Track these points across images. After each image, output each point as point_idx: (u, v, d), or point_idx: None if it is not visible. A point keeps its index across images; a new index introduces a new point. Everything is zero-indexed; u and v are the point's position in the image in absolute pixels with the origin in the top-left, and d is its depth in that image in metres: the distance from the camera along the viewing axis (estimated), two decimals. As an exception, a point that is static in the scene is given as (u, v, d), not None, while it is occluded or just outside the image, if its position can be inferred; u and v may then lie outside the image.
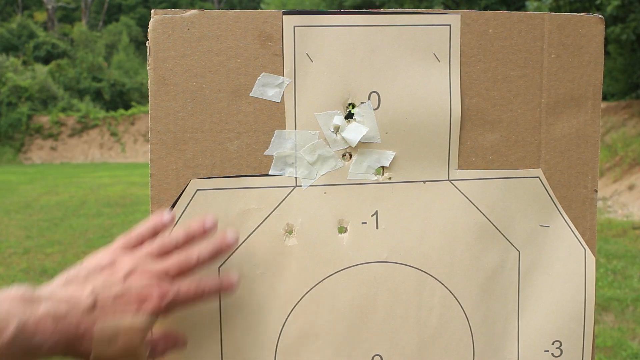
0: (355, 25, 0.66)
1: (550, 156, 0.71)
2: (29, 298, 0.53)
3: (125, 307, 0.55)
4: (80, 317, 0.54)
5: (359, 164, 0.68)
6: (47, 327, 0.52)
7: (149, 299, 0.56)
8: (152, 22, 0.64)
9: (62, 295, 0.54)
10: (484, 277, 0.70)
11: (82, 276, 0.57)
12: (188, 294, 0.59)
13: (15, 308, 0.51)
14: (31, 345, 0.51)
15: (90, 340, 0.54)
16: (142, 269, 0.58)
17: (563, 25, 0.70)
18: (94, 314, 0.54)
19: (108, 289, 0.56)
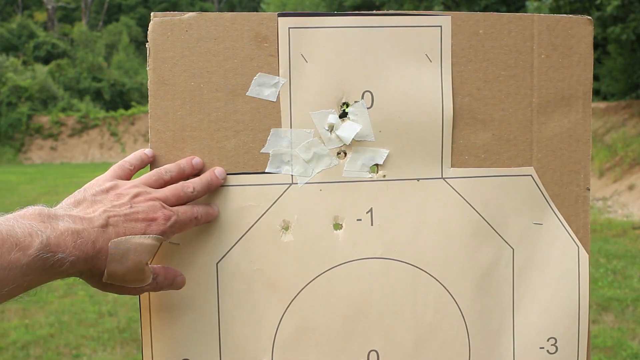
0: (348, 27, 0.67)
1: (542, 155, 0.72)
2: (47, 215, 0.54)
3: (135, 226, 0.57)
4: (95, 234, 0.55)
5: (354, 161, 0.68)
6: (68, 243, 0.53)
7: (156, 220, 0.59)
8: (152, 24, 0.65)
9: (75, 214, 0.56)
10: (479, 274, 0.71)
11: (89, 198, 0.58)
12: (186, 218, 0.61)
13: (36, 225, 0.52)
14: (54, 261, 0.52)
15: (105, 257, 0.56)
16: (145, 194, 0.60)
17: (552, 26, 0.71)
18: (107, 231, 0.56)
19: (118, 209, 0.58)
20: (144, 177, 0.63)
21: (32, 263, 0.50)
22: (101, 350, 3.22)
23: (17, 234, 0.50)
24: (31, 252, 0.50)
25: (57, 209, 0.56)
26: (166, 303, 0.67)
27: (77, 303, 3.99)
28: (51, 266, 0.52)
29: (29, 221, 0.52)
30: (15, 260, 0.49)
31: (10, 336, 3.40)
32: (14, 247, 0.49)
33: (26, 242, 0.50)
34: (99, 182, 0.61)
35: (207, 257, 0.67)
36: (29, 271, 0.50)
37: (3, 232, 0.50)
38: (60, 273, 0.53)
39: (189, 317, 0.67)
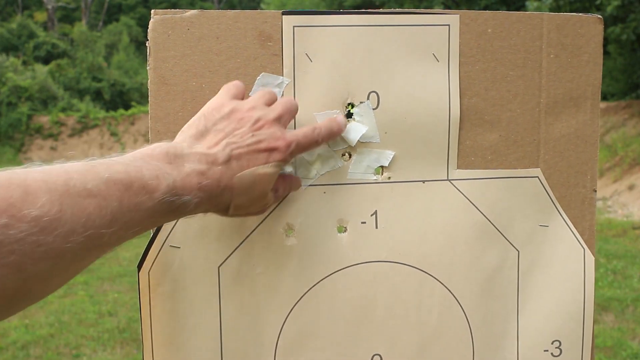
0: (354, 25, 0.66)
1: (550, 156, 0.71)
2: (174, 155, 0.54)
3: (257, 157, 0.57)
4: (219, 172, 0.55)
5: (359, 163, 0.68)
6: (193, 185, 0.53)
7: (278, 149, 0.58)
8: (152, 23, 0.64)
9: (200, 151, 0.56)
10: (484, 277, 0.70)
11: (210, 128, 0.58)
12: (306, 142, 0.61)
13: (163, 167, 0.52)
14: (179, 204, 0.52)
15: (230, 192, 0.56)
16: (265, 118, 0.59)
17: (562, 26, 0.70)
18: (231, 166, 0.56)
19: (240, 140, 0.57)
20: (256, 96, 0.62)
21: (158, 206, 0.51)
22: (101, 350, 3.22)
23: (144, 176, 0.50)
24: (157, 195, 0.50)
25: (181, 144, 0.56)
26: (167, 307, 0.66)
27: (77, 303, 3.99)
28: (176, 208, 0.52)
29: (156, 162, 0.52)
30: (141, 202, 0.49)
31: (10, 336, 3.40)
32: (141, 190, 0.49)
33: (153, 185, 0.50)
34: (217, 106, 0.60)
35: (208, 261, 0.66)
36: (154, 213, 0.51)
37: (131, 174, 0.49)
38: (185, 213, 0.54)
39: (191, 321, 0.66)
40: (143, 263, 0.65)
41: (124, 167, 0.50)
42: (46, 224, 0.43)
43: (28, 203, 0.43)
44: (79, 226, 0.45)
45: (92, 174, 0.47)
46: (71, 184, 0.45)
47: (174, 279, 0.66)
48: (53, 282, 0.46)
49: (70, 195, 0.45)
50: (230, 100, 0.61)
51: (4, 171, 0.45)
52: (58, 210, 0.44)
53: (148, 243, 0.65)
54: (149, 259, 0.65)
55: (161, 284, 0.66)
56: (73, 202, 0.45)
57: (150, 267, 0.65)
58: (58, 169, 0.47)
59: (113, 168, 0.49)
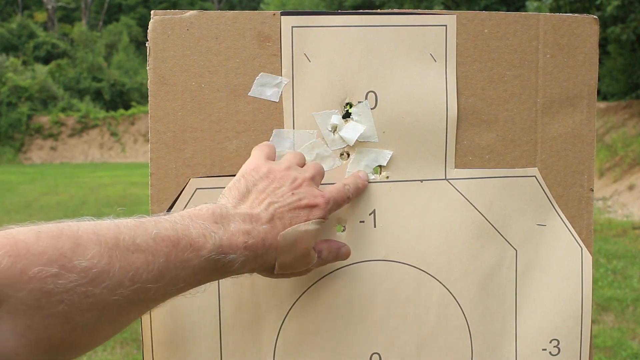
0: (352, 26, 0.66)
1: (547, 155, 0.71)
2: (220, 215, 0.54)
3: (299, 215, 0.58)
4: (264, 231, 0.56)
5: (357, 163, 0.68)
6: (239, 244, 0.54)
7: (318, 206, 0.59)
8: (152, 23, 0.65)
9: (244, 212, 0.56)
10: (482, 276, 0.70)
11: (252, 189, 0.59)
12: (340, 199, 0.63)
13: (210, 226, 0.53)
14: (225, 262, 0.53)
15: (275, 251, 0.57)
16: (302, 177, 0.61)
17: (558, 26, 0.70)
18: (275, 225, 0.57)
19: (282, 199, 0.58)
20: (288, 156, 0.64)
21: (204, 264, 0.51)
22: (101, 350, 3.22)
23: (191, 234, 0.51)
24: (204, 253, 0.51)
25: (227, 205, 0.57)
26: (167, 307, 0.66)
27: (77, 303, 3.98)
28: (222, 266, 0.53)
29: (202, 221, 0.53)
30: (188, 259, 0.50)
31: (10, 336, 3.39)
32: (188, 247, 0.50)
33: (200, 243, 0.51)
34: (255, 167, 0.61)
35: (208, 259, 0.66)
36: (201, 271, 0.51)
37: (179, 232, 0.50)
38: (231, 272, 0.54)
39: (190, 320, 0.66)
40: (143, 262, 0.65)
41: (172, 224, 0.51)
42: (95, 276, 0.44)
43: (78, 254, 0.44)
44: (126, 279, 0.46)
45: (141, 230, 0.48)
46: (121, 237, 0.47)
47: (174, 277, 0.66)
48: (99, 334, 0.47)
49: (120, 249, 0.46)
50: (266, 161, 0.62)
51: (56, 223, 0.46)
52: (107, 263, 0.45)
53: (148, 242, 0.65)
54: (148, 257, 0.65)
55: (161, 283, 0.66)
56: (122, 255, 0.46)
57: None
58: (108, 223, 0.48)
59: (161, 225, 0.50)
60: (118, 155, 18.85)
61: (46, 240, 0.43)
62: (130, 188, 9.98)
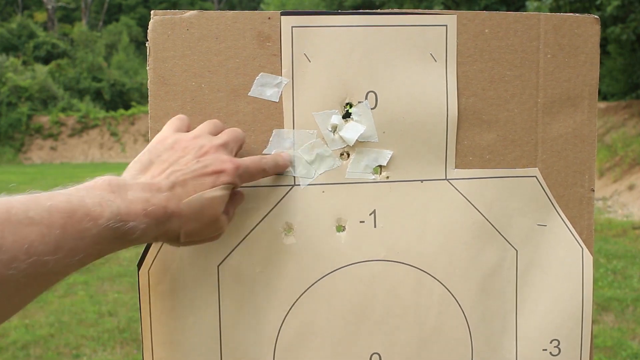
0: (352, 26, 0.66)
1: (547, 155, 0.71)
2: (116, 185, 0.54)
3: (204, 181, 0.57)
4: (165, 198, 0.55)
5: (357, 163, 0.68)
6: (138, 211, 0.53)
7: (225, 171, 0.58)
8: (152, 23, 0.64)
9: (143, 182, 0.56)
10: (482, 276, 0.70)
11: (155, 160, 0.58)
12: (254, 168, 0.62)
13: (107, 195, 0.52)
14: (125, 230, 0.52)
15: (179, 219, 0.56)
16: (210, 144, 0.60)
17: (559, 26, 0.70)
18: (176, 193, 0.56)
19: (185, 167, 0.57)
20: (201, 126, 0.63)
21: (103, 232, 0.50)
22: (101, 350, 3.22)
23: (87, 204, 0.50)
24: (102, 221, 0.50)
25: (125, 177, 0.56)
26: (167, 306, 0.66)
27: (77, 303, 3.99)
28: (123, 235, 0.52)
29: (99, 191, 0.52)
30: (86, 229, 0.49)
31: (10, 336, 3.40)
32: (85, 217, 0.49)
33: (97, 211, 0.50)
34: (161, 139, 0.60)
35: (207, 260, 0.66)
36: (100, 240, 0.51)
37: (74, 202, 0.49)
38: (132, 241, 0.53)
39: (190, 320, 0.66)
40: (143, 262, 0.66)
41: (67, 197, 0.50)
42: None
43: None
44: (21, 253, 0.45)
45: (34, 203, 0.48)
46: (12, 211, 0.46)
47: (174, 278, 0.66)
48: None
49: (12, 223, 0.45)
50: (174, 133, 0.61)
51: None
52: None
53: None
54: (148, 258, 0.65)
55: (161, 283, 0.66)
56: (14, 229, 0.45)
57: (150, 266, 0.65)
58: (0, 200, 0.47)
59: (55, 198, 0.49)
60: (118, 155, 18.86)
61: None
62: (130, 188, 9.96)
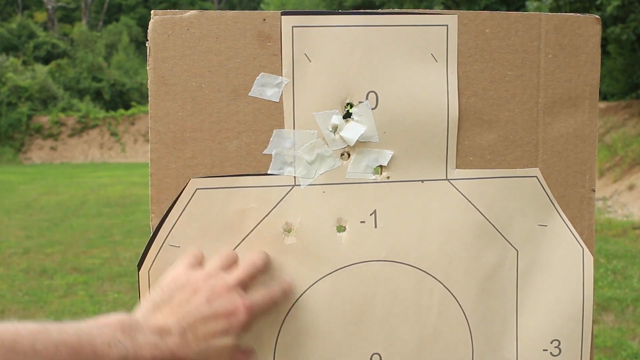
0: (353, 26, 0.66)
1: (548, 156, 0.71)
2: (128, 327, 0.54)
3: (215, 327, 0.57)
4: (174, 345, 0.55)
5: (358, 163, 0.68)
6: (146, 356, 0.53)
7: (237, 313, 0.58)
8: (152, 23, 0.64)
9: (154, 325, 0.56)
10: (483, 276, 0.70)
11: (167, 299, 0.58)
12: (264, 304, 0.62)
13: (116, 336, 0.52)
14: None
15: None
16: (221, 285, 0.60)
17: (560, 26, 0.70)
18: (186, 339, 0.56)
19: (196, 312, 0.57)
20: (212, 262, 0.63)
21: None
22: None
23: (96, 343, 0.50)
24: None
25: (137, 316, 0.56)
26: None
27: (77, 303, 3.99)
28: None
29: (110, 330, 0.52)
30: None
31: (9, 337, 3.39)
32: (92, 356, 0.49)
33: (104, 351, 0.50)
34: (174, 278, 0.61)
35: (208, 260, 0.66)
36: None
37: (83, 339, 0.50)
38: None
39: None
40: (143, 262, 0.65)
41: (76, 331, 0.50)
42: None
43: None
44: None
45: (42, 335, 0.48)
46: (19, 341, 0.46)
47: (174, 278, 0.66)
48: None
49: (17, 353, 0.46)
50: (187, 270, 0.61)
51: None
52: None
53: (148, 242, 0.65)
54: (148, 258, 0.65)
55: (161, 283, 0.66)
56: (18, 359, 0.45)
57: (150, 266, 0.65)
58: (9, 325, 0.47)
59: (64, 331, 0.49)
60: (118, 155, 18.86)
61: None
62: (130, 188, 9.99)
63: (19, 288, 4.28)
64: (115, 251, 5.42)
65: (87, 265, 4.95)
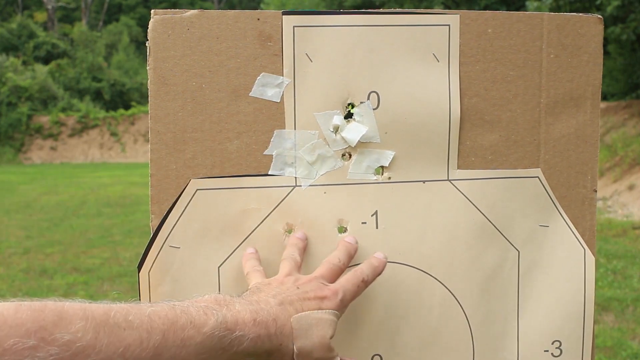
0: (354, 25, 0.66)
1: (550, 156, 0.71)
2: (223, 300, 0.53)
3: (309, 304, 0.57)
4: (275, 311, 0.55)
5: (359, 163, 0.68)
6: (247, 320, 0.52)
7: (326, 297, 0.58)
8: (152, 22, 0.64)
9: (250, 299, 0.55)
10: (484, 277, 0.70)
11: (260, 288, 0.58)
12: (353, 286, 0.61)
13: (212, 306, 0.52)
14: (232, 339, 0.51)
15: (289, 333, 0.55)
16: (303, 277, 0.60)
17: (562, 25, 0.70)
18: (286, 308, 0.56)
19: (287, 292, 0.57)
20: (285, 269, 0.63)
21: (207, 341, 0.49)
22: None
23: (191, 312, 0.50)
24: (206, 330, 0.50)
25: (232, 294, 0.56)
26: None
27: (77, 303, 3.98)
28: (229, 344, 0.51)
29: (204, 303, 0.52)
30: (188, 337, 0.49)
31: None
32: (188, 325, 0.49)
33: (201, 320, 0.50)
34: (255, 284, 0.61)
35: (208, 261, 0.66)
36: (204, 350, 0.49)
37: (177, 311, 0.49)
38: (241, 353, 0.52)
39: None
40: (143, 263, 0.65)
41: (169, 305, 0.50)
42: (79, 350, 0.43)
43: (61, 327, 0.43)
44: (116, 356, 0.45)
45: (135, 308, 0.48)
46: (111, 314, 0.46)
47: (174, 279, 0.66)
48: None
49: (109, 325, 0.45)
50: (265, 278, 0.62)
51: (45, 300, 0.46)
52: (93, 338, 0.44)
53: (148, 243, 0.65)
54: (149, 259, 0.65)
55: (161, 284, 0.65)
56: (111, 331, 0.45)
57: (151, 267, 0.65)
58: (99, 304, 0.47)
59: (157, 305, 0.49)
60: (118, 155, 18.88)
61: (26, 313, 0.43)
62: (130, 188, 9.99)
63: (19, 288, 4.28)
64: (115, 251, 5.42)
65: (87, 265, 4.95)
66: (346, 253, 0.65)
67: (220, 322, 0.50)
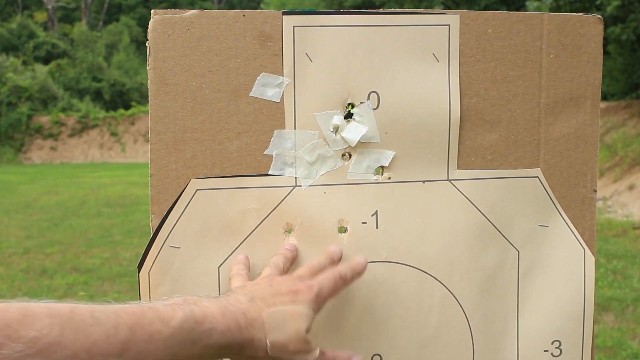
0: (354, 25, 0.66)
1: (550, 156, 0.71)
2: (191, 299, 0.53)
3: (282, 298, 0.57)
4: (244, 305, 0.55)
5: (359, 163, 0.68)
6: (215, 313, 0.52)
7: (300, 291, 0.58)
8: (152, 22, 0.64)
9: (220, 298, 0.56)
10: (484, 277, 0.70)
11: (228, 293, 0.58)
12: (330, 282, 0.61)
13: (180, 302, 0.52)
14: (201, 332, 0.51)
15: (260, 326, 0.55)
16: (279, 277, 0.61)
17: (562, 26, 0.70)
18: (256, 303, 0.56)
19: (260, 291, 0.57)
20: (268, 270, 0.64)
21: (176, 335, 0.50)
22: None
23: (158, 308, 0.50)
24: (174, 323, 0.50)
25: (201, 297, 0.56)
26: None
27: (77, 303, 3.98)
28: (198, 337, 0.51)
29: (172, 301, 0.52)
30: (156, 332, 0.49)
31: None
32: (155, 319, 0.49)
33: (168, 314, 0.50)
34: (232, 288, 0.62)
35: (208, 261, 0.66)
36: (173, 343, 0.49)
37: (144, 307, 0.49)
38: (211, 346, 0.52)
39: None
40: (143, 263, 0.65)
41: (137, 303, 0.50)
42: (45, 347, 0.43)
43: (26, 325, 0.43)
44: (82, 352, 0.45)
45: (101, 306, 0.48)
46: (76, 311, 0.46)
47: (174, 279, 0.66)
48: None
49: (74, 321, 0.45)
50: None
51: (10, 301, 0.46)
52: (59, 334, 0.44)
53: (148, 243, 0.65)
54: (149, 259, 0.65)
55: (161, 284, 0.65)
56: (77, 327, 0.45)
57: (151, 267, 0.65)
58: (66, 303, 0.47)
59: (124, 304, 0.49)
60: (118, 155, 18.87)
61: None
62: (130, 188, 9.99)
63: (19, 288, 4.28)
64: (115, 251, 5.42)
65: (87, 265, 4.95)
66: (328, 258, 0.65)
67: (188, 315, 0.50)
